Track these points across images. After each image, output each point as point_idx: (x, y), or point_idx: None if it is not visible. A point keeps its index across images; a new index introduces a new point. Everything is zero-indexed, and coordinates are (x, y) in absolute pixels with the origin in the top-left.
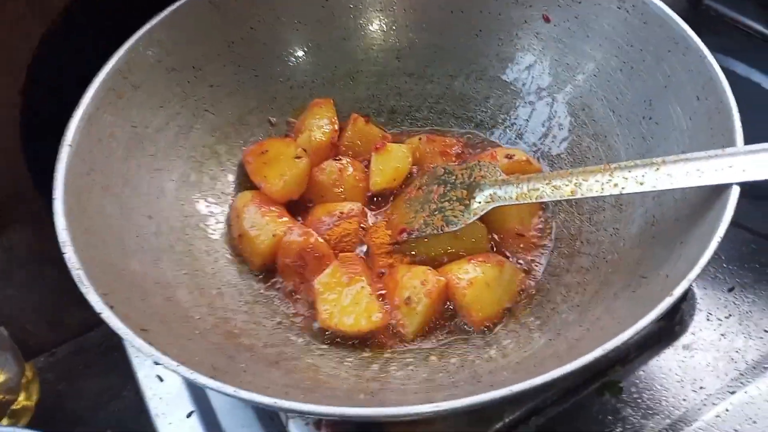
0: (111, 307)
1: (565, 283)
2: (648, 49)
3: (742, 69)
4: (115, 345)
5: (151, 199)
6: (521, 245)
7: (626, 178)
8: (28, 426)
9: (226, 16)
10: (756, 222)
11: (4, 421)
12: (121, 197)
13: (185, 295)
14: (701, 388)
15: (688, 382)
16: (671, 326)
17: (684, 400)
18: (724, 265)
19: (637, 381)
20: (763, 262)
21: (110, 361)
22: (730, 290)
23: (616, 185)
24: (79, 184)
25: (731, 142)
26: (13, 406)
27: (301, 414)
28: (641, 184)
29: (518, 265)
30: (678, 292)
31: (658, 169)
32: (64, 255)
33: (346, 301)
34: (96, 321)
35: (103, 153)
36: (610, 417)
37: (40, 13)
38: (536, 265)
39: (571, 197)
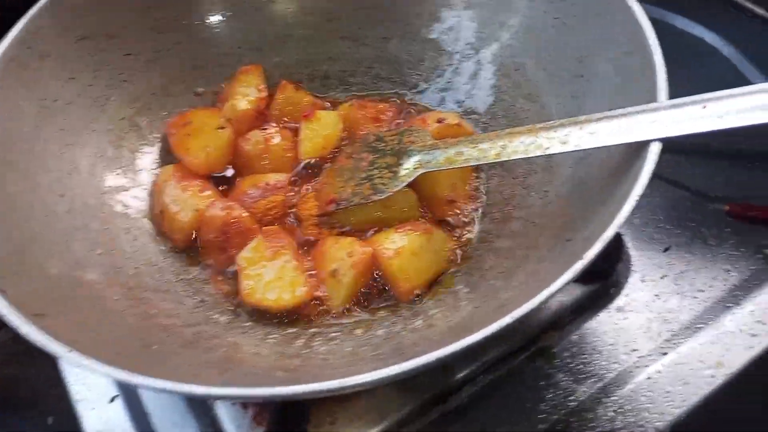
0: (2, 291)
1: (495, 249)
2: (579, 3)
3: (681, 22)
4: None
5: (63, 176)
6: (453, 211)
7: (550, 139)
8: None
9: None
10: (693, 179)
11: None
12: (27, 175)
13: (99, 276)
14: (633, 350)
15: (621, 344)
16: (606, 289)
17: (616, 363)
18: (660, 225)
19: (570, 346)
20: (698, 221)
21: None
22: (666, 250)
23: (540, 146)
24: None
25: (654, 99)
26: None
27: (204, 397)
28: (564, 143)
29: (449, 232)
30: (590, 255)
31: (581, 127)
32: None
33: (270, 275)
34: None
35: (5, 128)
36: (542, 383)
37: None
38: (467, 232)
39: (496, 160)
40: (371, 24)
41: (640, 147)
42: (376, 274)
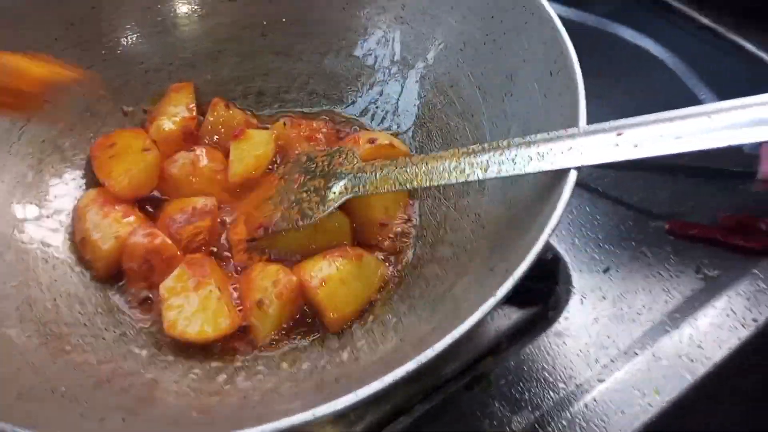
0: None
1: (425, 275)
2: (507, 20)
3: (627, 33)
4: None
5: None
6: (386, 236)
7: (472, 165)
8: None
9: None
10: (635, 195)
11: None
12: None
13: (10, 310)
14: (571, 377)
15: (559, 371)
16: (545, 311)
17: (553, 391)
18: (601, 245)
19: (507, 373)
20: (639, 239)
21: None
22: (605, 271)
23: (462, 171)
24: None
25: (575, 122)
26: None
27: None
28: (485, 170)
29: (381, 258)
30: (501, 292)
31: (502, 153)
32: None
33: (193, 306)
34: None
35: None
36: (478, 412)
37: None
38: (401, 257)
39: (420, 185)
40: (306, 39)
41: (559, 174)
42: (304, 306)
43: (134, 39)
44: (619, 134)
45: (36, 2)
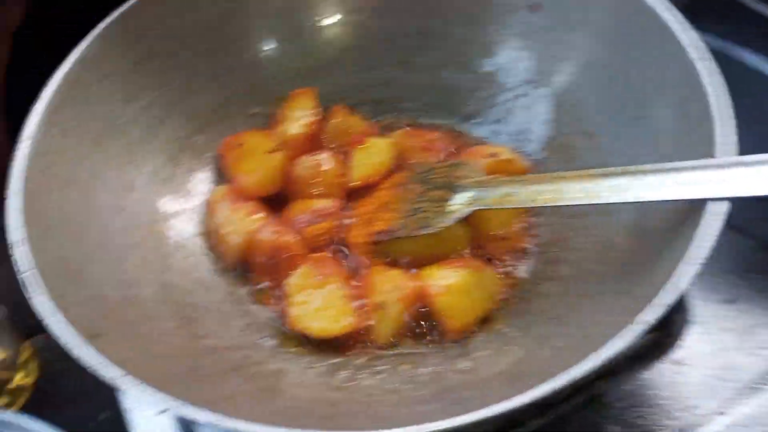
0: (61, 312)
1: (545, 293)
2: (638, 43)
3: (752, 60)
4: None
5: (120, 194)
6: (503, 249)
7: (610, 187)
8: (24, 405)
9: (197, 1)
10: (763, 228)
11: (1, 401)
12: (87, 191)
13: (150, 294)
14: (690, 407)
15: (677, 399)
16: (661, 338)
17: (669, 419)
18: (726, 275)
19: (623, 396)
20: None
21: None
22: (729, 302)
23: (597, 194)
24: (40, 179)
25: (712, 150)
26: (10, 386)
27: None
28: (624, 192)
29: (498, 271)
30: (649, 319)
31: (644, 177)
32: (11, 257)
33: (317, 303)
34: None
35: (67, 146)
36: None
37: None
38: (517, 272)
39: (549, 204)
40: (425, 51)
41: (706, 204)
42: (424, 309)
43: (261, 46)
44: None
45: (175, 10)
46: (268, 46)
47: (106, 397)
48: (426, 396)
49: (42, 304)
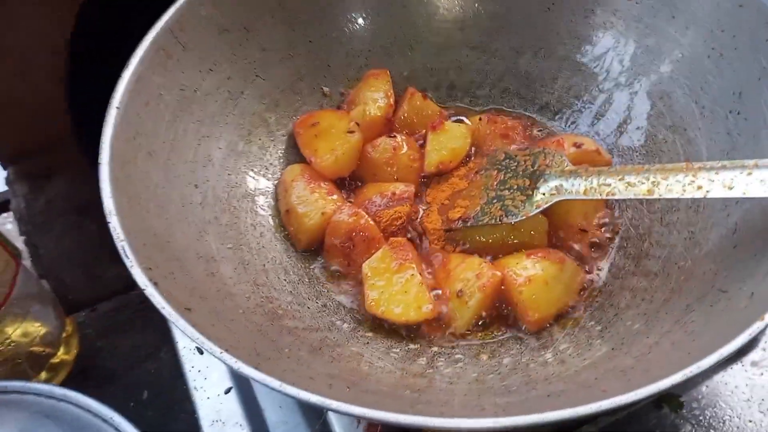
0: (155, 284)
1: (631, 287)
2: (742, 35)
3: None
4: (153, 304)
5: (198, 167)
6: (583, 242)
7: (712, 181)
8: (65, 380)
9: None
10: None
11: (42, 375)
12: (167, 164)
13: (229, 270)
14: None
15: (756, 401)
16: None
17: (750, 421)
18: None
19: (700, 396)
20: None
21: (150, 321)
22: None
23: (700, 188)
24: (126, 149)
25: None
26: (52, 360)
27: (348, 414)
28: (730, 188)
29: (579, 264)
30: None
31: (750, 173)
32: (109, 225)
33: (395, 288)
34: (132, 278)
35: (150, 116)
36: None
37: None
38: (599, 265)
39: (647, 197)
40: (504, 36)
41: None
42: (501, 301)
43: (340, 24)
44: None
45: None
46: (346, 23)
47: (146, 376)
48: (512, 386)
49: (139, 275)
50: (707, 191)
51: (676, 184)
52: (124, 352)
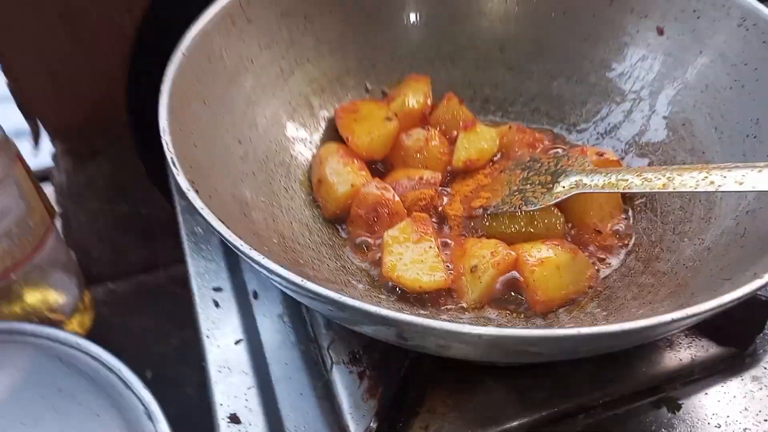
0: (196, 190)
1: (638, 283)
2: (764, 68)
3: None
4: (170, 291)
5: (244, 127)
6: (597, 242)
7: (724, 177)
8: None
9: None
10: None
11: None
12: (217, 115)
13: (260, 218)
14: (766, 420)
15: (753, 413)
16: (742, 357)
17: (745, 429)
18: None
19: (698, 401)
20: None
21: (164, 306)
22: None
23: (712, 183)
24: (185, 89)
25: None
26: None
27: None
28: (740, 184)
29: (591, 260)
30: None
31: (760, 171)
32: (161, 139)
33: (412, 256)
34: (155, 262)
35: (209, 70)
36: (663, 430)
37: None
38: (608, 264)
39: (661, 190)
40: (540, 61)
41: None
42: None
43: (390, 29)
44: None
45: None
46: (393, 31)
47: (152, 357)
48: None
49: (183, 180)
50: (719, 185)
51: (690, 180)
52: (134, 332)
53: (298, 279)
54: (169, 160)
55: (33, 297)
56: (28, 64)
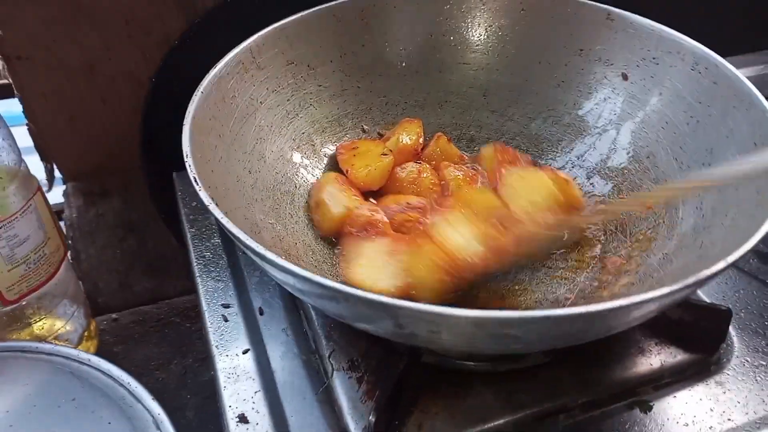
0: (216, 203)
1: (612, 292)
2: (715, 105)
3: None
4: (171, 322)
5: (253, 160)
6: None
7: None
8: None
9: (343, 29)
10: None
11: None
12: (230, 148)
13: (268, 237)
14: (729, 419)
15: (717, 413)
16: (708, 363)
17: (710, 427)
18: (766, 323)
19: (667, 403)
20: None
21: (165, 336)
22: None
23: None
24: (202, 123)
25: None
26: None
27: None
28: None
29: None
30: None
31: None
32: (185, 161)
33: (364, 261)
34: (159, 295)
35: (224, 109)
36: (636, 428)
37: (185, 10)
38: (576, 282)
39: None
40: (519, 104)
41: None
42: None
43: (384, 79)
44: None
45: (324, 32)
46: (392, 79)
47: (153, 383)
48: None
49: (204, 195)
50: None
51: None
52: (136, 360)
53: (309, 275)
54: (192, 178)
55: (42, 323)
56: (49, 110)
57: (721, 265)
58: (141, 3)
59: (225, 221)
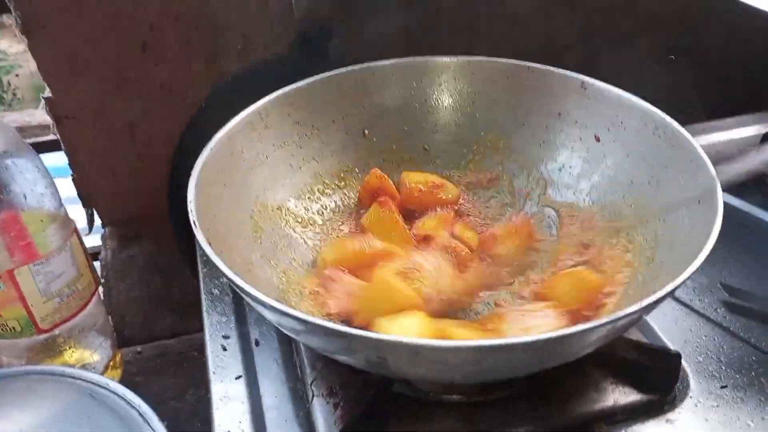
0: (210, 244)
1: None
2: (671, 165)
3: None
4: (190, 356)
5: (256, 207)
6: None
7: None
8: None
9: (344, 96)
10: (760, 337)
11: None
12: (234, 196)
13: (260, 274)
14: None
15: None
16: (661, 403)
17: None
18: (722, 368)
19: None
20: (758, 372)
21: (184, 368)
22: (722, 387)
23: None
24: (210, 175)
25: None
26: None
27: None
28: None
29: None
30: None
31: None
32: (189, 212)
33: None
34: (180, 330)
35: (231, 163)
36: None
37: (213, 74)
38: None
39: None
40: (505, 161)
41: None
42: None
43: (377, 141)
44: None
45: (327, 97)
46: (387, 140)
47: (167, 412)
48: None
49: (203, 241)
50: None
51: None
52: (155, 389)
53: (294, 312)
54: (192, 222)
55: (72, 351)
56: (92, 164)
57: (634, 307)
58: (177, 74)
59: (210, 252)
